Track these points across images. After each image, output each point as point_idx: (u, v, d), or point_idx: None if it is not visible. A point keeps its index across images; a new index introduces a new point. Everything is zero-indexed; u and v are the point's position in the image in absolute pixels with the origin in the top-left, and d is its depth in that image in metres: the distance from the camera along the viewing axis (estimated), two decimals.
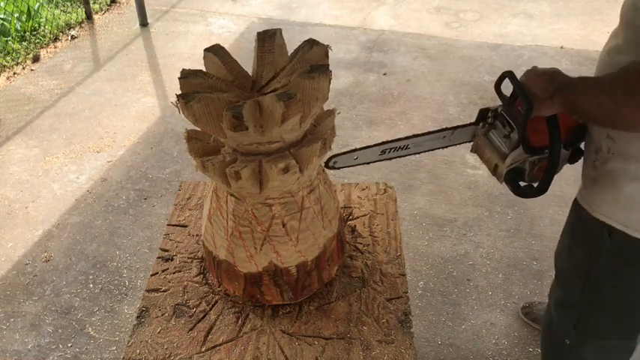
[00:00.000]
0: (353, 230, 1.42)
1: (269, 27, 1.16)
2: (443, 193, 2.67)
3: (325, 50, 1.04)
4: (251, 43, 1.24)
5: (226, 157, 1.02)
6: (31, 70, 3.75)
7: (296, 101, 0.91)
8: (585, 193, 1.20)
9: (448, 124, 1.75)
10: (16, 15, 4.07)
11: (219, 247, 1.17)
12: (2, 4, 4.06)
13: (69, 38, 4.13)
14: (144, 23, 4.27)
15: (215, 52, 1.06)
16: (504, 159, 1.19)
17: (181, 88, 1.00)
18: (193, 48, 3.96)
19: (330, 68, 0.99)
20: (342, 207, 1.49)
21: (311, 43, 1.05)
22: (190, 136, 1.08)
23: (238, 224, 1.10)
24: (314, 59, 1.03)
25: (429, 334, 2.04)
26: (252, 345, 1.15)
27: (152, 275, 1.32)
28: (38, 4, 4.25)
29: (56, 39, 4.12)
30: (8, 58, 3.78)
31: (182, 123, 3.09)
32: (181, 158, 2.93)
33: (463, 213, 2.55)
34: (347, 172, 2.72)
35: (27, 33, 4.05)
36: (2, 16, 4.00)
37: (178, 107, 0.96)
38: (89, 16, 4.37)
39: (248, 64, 1.06)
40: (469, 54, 3.85)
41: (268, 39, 1.08)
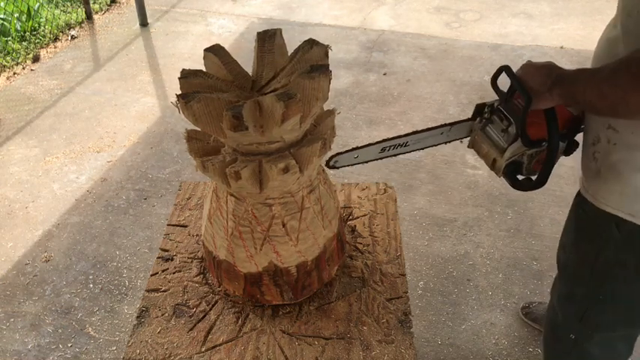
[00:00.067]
0: (353, 230, 1.42)
1: (269, 27, 1.16)
2: (443, 193, 2.67)
3: (325, 50, 1.04)
4: (251, 43, 1.24)
5: (226, 157, 1.02)
6: (31, 70, 3.75)
7: (296, 101, 0.91)
8: (588, 186, 1.20)
9: None
10: (16, 15, 4.07)
11: (219, 247, 1.17)
12: (2, 4, 4.06)
13: (69, 38, 4.13)
14: (144, 23, 4.27)
15: (215, 52, 1.06)
16: (503, 153, 1.20)
17: (181, 88, 1.00)
18: (193, 48, 3.96)
19: (330, 68, 0.99)
20: (342, 207, 1.49)
21: (311, 43, 1.05)
22: (190, 136, 1.08)
23: (238, 224, 1.10)
24: (314, 59, 1.03)
25: (429, 334, 2.04)
26: (252, 345, 1.15)
27: (152, 275, 1.32)
28: (38, 4, 4.25)
29: (56, 39, 4.12)
30: (8, 58, 3.78)
31: (182, 123, 3.09)
32: (181, 158, 2.93)
33: (463, 213, 2.55)
34: (347, 172, 2.72)
35: (27, 33, 4.05)
36: (2, 16, 4.00)
37: (178, 107, 0.96)
38: (89, 16, 4.37)
39: (248, 64, 1.06)
40: (469, 54, 3.85)
41: (268, 39, 1.08)
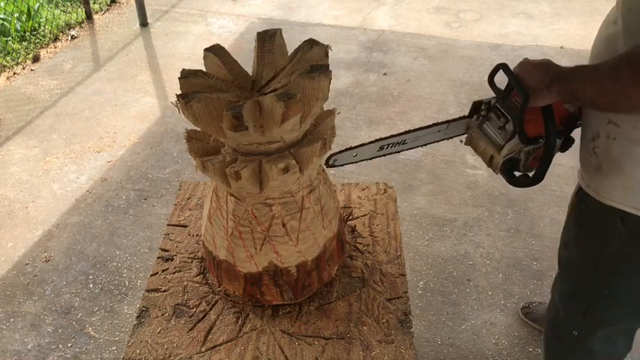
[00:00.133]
0: (353, 230, 1.42)
1: (269, 27, 1.16)
2: (443, 193, 2.67)
3: (325, 50, 1.04)
4: (251, 43, 1.24)
5: (226, 157, 1.02)
6: (31, 70, 3.75)
7: (296, 101, 0.91)
8: (590, 181, 1.20)
9: None
10: (16, 15, 4.07)
11: (219, 247, 1.17)
12: (2, 4, 4.06)
13: (69, 38, 4.13)
14: (144, 23, 4.27)
15: (215, 52, 1.06)
16: (500, 150, 1.20)
17: (181, 88, 1.00)
18: (193, 48, 3.97)
19: (330, 68, 0.99)
20: (342, 207, 1.49)
21: (311, 43, 1.05)
22: (190, 136, 1.08)
23: (238, 224, 1.10)
24: (314, 59, 1.03)
25: (429, 334, 2.04)
26: (252, 345, 1.15)
27: (152, 275, 1.32)
28: (38, 4, 4.25)
29: (56, 39, 4.12)
30: (8, 58, 3.78)
31: (182, 123, 3.09)
32: (181, 158, 2.93)
33: (463, 213, 2.55)
34: (347, 172, 2.72)
35: (27, 33, 4.05)
36: (2, 16, 4.00)
37: (178, 107, 0.96)
38: (89, 16, 4.37)
39: (248, 64, 1.06)
40: (469, 54, 3.85)
41: (268, 39, 1.08)
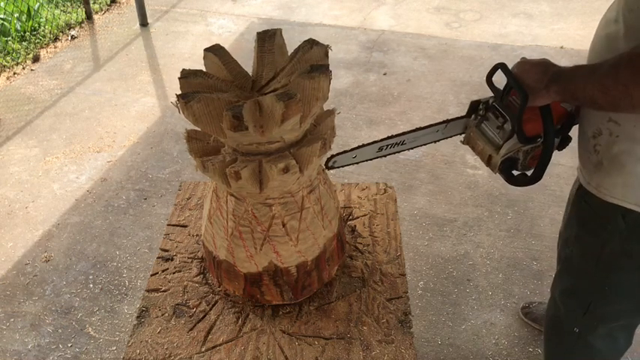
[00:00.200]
0: (353, 230, 1.42)
1: (269, 27, 1.16)
2: (443, 193, 2.67)
3: (325, 50, 1.04)
4: (251, 43, 1.24)
5: (226, 157, 1.02)
6: (31, 70, 3.75)
7: (296, 101, 0.91)
8: (590, 178, 1.20)
9: None
10: (16, 15, 4.06)
11: (219, 247, 1.17)
12: (2, 4, 4.06)
13: (69, 38, 4.13)
14: (144, 23, 4.27)
15: (215, 52, 1.06)
16: (498, 149, 1.20)
17: (181, 88, 1.00)
18: (193, 48, 3.96)
19: (330, 68, 0.99)
20: (342, 207, 1.49)
21: (311, 43, 1.05)
22: (190, 136, 1.08)
23: (238, 224, 1.10)
24: (314, 59, 1.03)
25: (429, 334, 2.04)
26: (252, 345, 1.15)
27: (152, 275, 1.32)
28: (38, 4, 4.25)
29: (56, 39, 4.12)
30: (8, 58, 3.78)
31: (182, 123, 3.09)
32: (181, 158, 2.93)
33: (463, 213, 2.55)
34: (347, 172, 2.72)
35: (27, 33, 4.05)
36: (2, 16, 4.00)
37: (178, 107, 0.96)
38: (89, 16, 4.37)
39: (248, 64, 1.06)
40: (469, 54, 3.85)
41: (268, 39, 1.08)
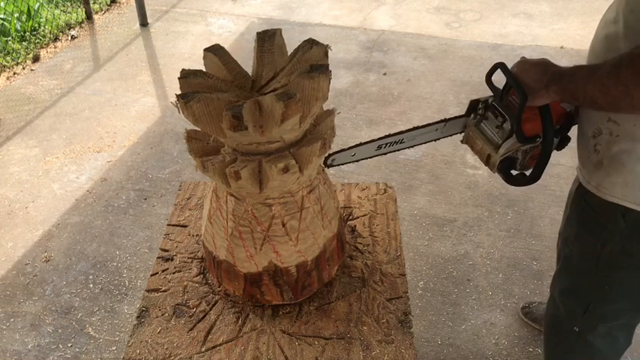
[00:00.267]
0: (353, 230, 1.42)
1: (269, 27, 1.16)
2: (443, 193, 2.67)
3: (325, 50, 1.04)
4: (251, 43, 1.24)
5: (226, 157, 1.02)
6: (31, 70, 3.75)
7: (296, 101, 0.91)
8: (590, 178, 1.21)
9: None
10: (16, 15, 4.06)
11: (219, 247, 1.17)
12: (2, 4, 4.06)
13: (69, 38, 4.13)
14: (144, 23, 4.27)
15: (215, 52, 1.06)
16: (497, 149, 1.20)
17: (181, 88, 1.00)
18: (193, 48, 3.96)
19: (330, 68, 0.99)
20: (342, 207, 1.49)
21: (311, 43, 1.05)
22: (190, 136, 1.08)
23: (238, 224, 1.10)
24: (314, 59, 1.03)
25: (429, 334, 2.04)
26: (252, 345, 1.15)
27: (152, 275, 1.32)
28: (38, 4, 4.25)
29: (56, 39, 4.12)
30: (8, 58, 3.78)
31: (182, 123, 3.09)
32: (181, 158, 2.93)
33: (463, 213, 2.55)
34: (347, 172, 2.72)
35: (27, 33, 4.05)
36: (2, 16, 4.00)
37: (178, 107, 0.96)
38: (89, 16, 4.37)
39: (248, 64, 1.06)
40: (469, 54, 3.85)
41: (268, 39, 1.08)
